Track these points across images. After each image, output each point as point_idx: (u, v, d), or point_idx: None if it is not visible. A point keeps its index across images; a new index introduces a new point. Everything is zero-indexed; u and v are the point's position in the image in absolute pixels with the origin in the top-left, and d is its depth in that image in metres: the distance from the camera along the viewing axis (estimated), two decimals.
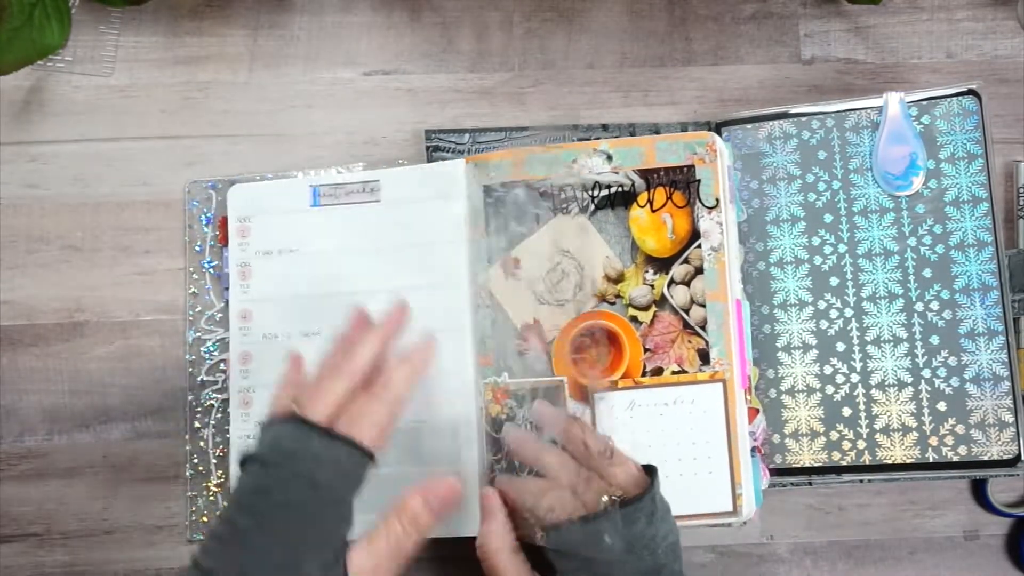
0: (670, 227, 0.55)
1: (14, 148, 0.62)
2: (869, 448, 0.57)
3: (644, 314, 0.56)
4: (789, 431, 0.58)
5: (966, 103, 0.58)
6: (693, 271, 0.55)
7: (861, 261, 0.58)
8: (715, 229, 0.54)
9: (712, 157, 0.54)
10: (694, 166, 0.54)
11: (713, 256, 0.54)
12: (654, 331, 0.55)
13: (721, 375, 0.53)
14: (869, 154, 0.58)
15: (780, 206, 0.59)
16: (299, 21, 0.63)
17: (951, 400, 0.56)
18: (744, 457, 0.52)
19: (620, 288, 0.56)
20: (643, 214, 0.56)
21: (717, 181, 0.54)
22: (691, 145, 0.54)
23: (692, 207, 0.55)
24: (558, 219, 0.57)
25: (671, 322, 0.55)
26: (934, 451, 0.56)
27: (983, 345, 0.56)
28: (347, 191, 0.57)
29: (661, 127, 0.62)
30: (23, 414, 0.60)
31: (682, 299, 0.55)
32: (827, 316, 0.58)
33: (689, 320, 0.55)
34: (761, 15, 0.64)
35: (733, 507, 0.52)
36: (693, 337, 0.55)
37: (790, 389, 0.58)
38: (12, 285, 0.61)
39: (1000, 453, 0.56)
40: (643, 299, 0.55)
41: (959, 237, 0.57)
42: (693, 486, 0.52)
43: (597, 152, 0.55)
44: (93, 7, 0.62)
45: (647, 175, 0.56)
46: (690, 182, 0.55)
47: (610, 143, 0.55)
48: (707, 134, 0.55)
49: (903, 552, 0.61)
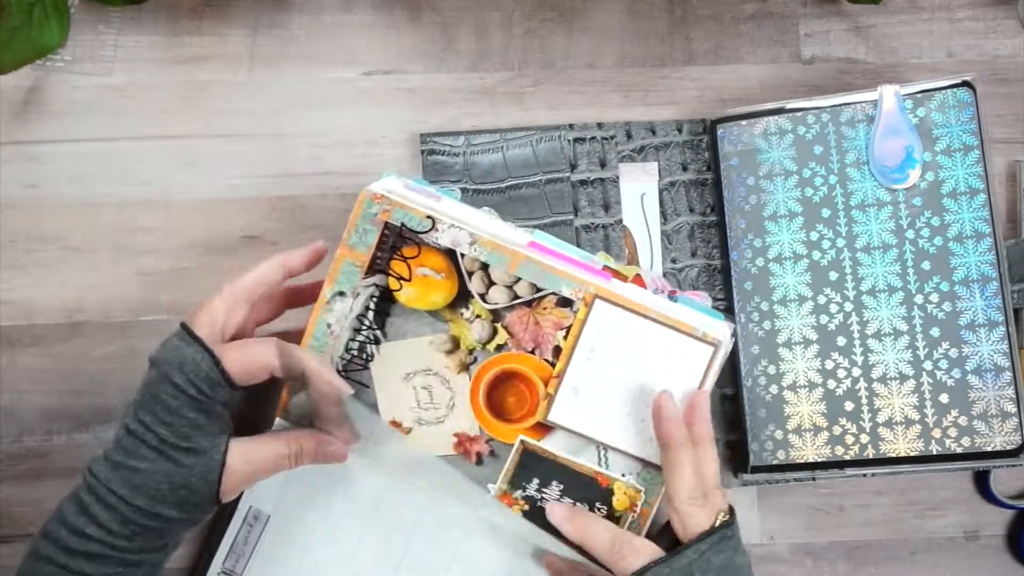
0: (431, 273, 0.52)
1: (13, 148, 0.62)
2: (872, 442, 0.57)
3: (499, 336, 0.53)
4: (792, 427, 0.58)
5: (961, 95, 0.57)
6: (482, 272, 0.52)
7: (860, 255, 0.58)
8: (453, 232, 0.51)
9: (383, 203, 0.50)
10: (388, 221, 0.51)
11: (476, 246, 0.51)
12: (521, 335, 0.53)
13: (588, 297, 0.51)
14: (865, 148, 0.58)
15: (777, 202, 0.59)
16: (299, 21, 0.63)
17: (953, 392, 0.56)
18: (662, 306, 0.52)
19: (464, 346, 0.53)
20: (408, 290, 0.52)
21: (410, 208, 0.51)
22: (367, 215, 0.51)
23: (421, 245, 0.51)
24: (376, 366, 0.53)
25: (520, 316, 0.52)
26: (937, 443, 0.56)
27: (984, 336, 0.56)
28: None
29: (656, 126, 0.62)
30: (23, 414, 0.60)
31: (501, 295, 0.52)
32: (827, 311, 0.58)
33: (523, 297, 0.52)
34: (761, 15, 0.64)
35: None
36: (541, 304, 0.52)
37: (792, 385, 0.58)
38: (12, 285, 0.61)
39: (1003, 444, 0.56)
40: (483, 331, 0.53)
41: (957, 229, 0.57)
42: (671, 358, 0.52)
43: (331, 304, 0.52)
44: (92, 7, 0.62)
45: (374, 270, 0.52)
46: (400, 234, 0.51)
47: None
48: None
49: (904, 552, 0.60)
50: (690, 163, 0.62)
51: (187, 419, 0.46)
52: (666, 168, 0.62)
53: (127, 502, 0.45)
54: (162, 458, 0.46)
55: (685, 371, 0.51)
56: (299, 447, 0.50)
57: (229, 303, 0.49)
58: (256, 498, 0.56)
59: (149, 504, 0.45)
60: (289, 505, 0.56)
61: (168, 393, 0.46)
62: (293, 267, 0.51)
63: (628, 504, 0.52)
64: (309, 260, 0.51)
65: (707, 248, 0.61)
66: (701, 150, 0.62)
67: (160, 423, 0.46)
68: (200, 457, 0.46)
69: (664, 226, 0.62)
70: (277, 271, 0.51)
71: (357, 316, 0.52)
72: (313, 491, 0.56)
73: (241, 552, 0.56)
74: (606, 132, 0.62)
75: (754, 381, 0.58)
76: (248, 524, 0.56)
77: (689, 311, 0.52)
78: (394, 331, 0.53)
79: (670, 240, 0.61)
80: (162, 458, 0.46)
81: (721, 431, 0.60)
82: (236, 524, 0.56)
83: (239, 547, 0.56)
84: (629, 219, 0.61)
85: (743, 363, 0.59)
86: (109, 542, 0.45)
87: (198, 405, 0.46)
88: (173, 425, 0.46)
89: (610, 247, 0.61)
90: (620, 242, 0.61)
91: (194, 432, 0.46)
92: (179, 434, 0.46)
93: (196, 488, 0.46)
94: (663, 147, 0.62)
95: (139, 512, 0.45)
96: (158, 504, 0.45)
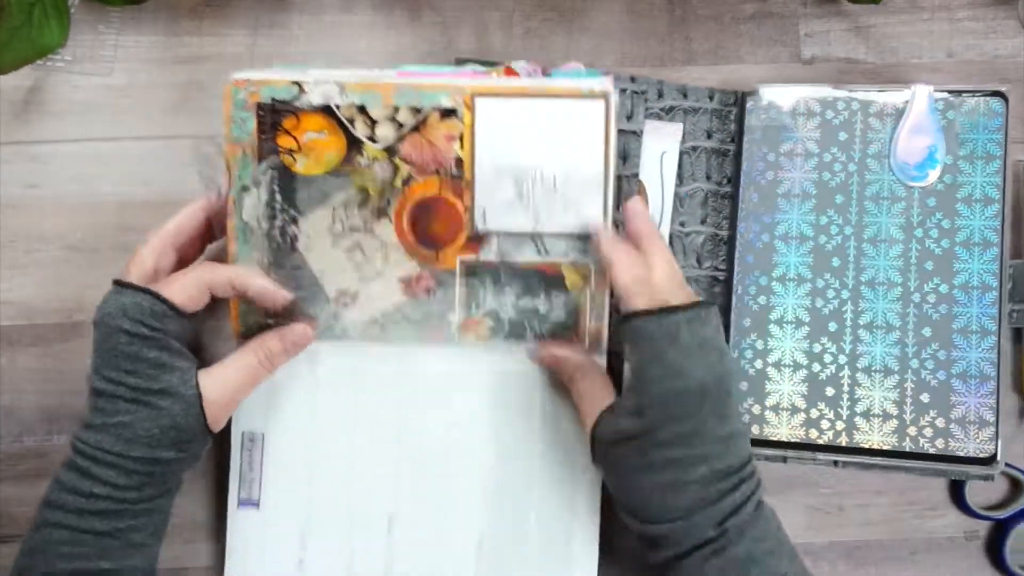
0: (316, 135, 0.52)
1: (14, 148, 0.62)
2: (847, 430, 0.57)
3: (400, 171, 0.53)
4: (770, 403, 0.58)
5: (993, 104, 0.58)
6: (362, 115, 0.52)
7: (865, 246, 0.58)
8: (321, 88, 0.51)
9: (248, 86, 0.52)
10: (259, 102, 0.52)
11: (347, 93, 0.52)
12: (420, 161, 0.53)
13: (468, 99, 0.52)
14: (889, 141, 0.59)
15: (793, 180, 0.60)
16: (299, 20, 0.63)
17: (935, 392, 0.57)
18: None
19: (373, 192, 0.53)
20: (301, 159, 0.53)
21: (274, 82, 0.52)
22: (238, 103, 0.52)
23: (297, 112, 0.52)
24: (302, 244, 0.54)
25: (412, 143, 0.52)
26: (911, 441, 0.57)
27: (975, 343, 0.57)
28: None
29: (689, 89, 0.62)
30: (23, 414, 0.60)
31: (387, 131, 0.52)
32: (824, 295, 0.58)
33: (408, 124, 0.52)
34: (761, 15, 0.64)
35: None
36: (427, 124, 0.52)
37: (777, 362, 0.58)
38: (12, 285, 0.61)
39: (976, 451, 0.56)
40: (384, 171, 0.53)
41: (966, 234, 0.58)
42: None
43: (239, 202, 0.53)
44: (92, 7, 0.62)
45: (265, 154, 0.53)
46: (274, 110, 0.52)
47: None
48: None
49: (903, 552, 0.61)
50: (715, 132, 0.62)
51: (148, 360, 0.47)
52: (691, 132, 0.62)
53: (125, 455, 0.47)
54: (140, 406, 0.47)
55: (586, 133, 0.52)
56: (266, 350, 0.51)
57: (157, 250, 0.51)
58: (245, 422, 0.56)
59: (147, 451, 0.47)
60: (277, 417, 0.56)
61: (122, 342, 0.47)
62: (211, 203, 0.53)
63: (581, 281, 0.54)
64: (224, 190, 0.53)
65: (717, 218, 0.61)
66: (728, 121, 0.62)
67: (125, 373, 0.47)
68: (175, 397, 0.48)
69: (679, 188, 0.62)
70: (199, 211, 0.53)
71: (267, 204, 0.53)
72: (293, 392, 0.56)
73: (251, 478, 0.56)
74: (638, 86, 0.62)
75: (740, 353, 0.59)
76: (247, 449, 0.56)
77: (567, 79, 0.54)
78: (305, 204, 0.54)
79: (682, 203, 0.62)
80: (140, 406, 0.47)
81: None
82: (236, 454, 0.56)
83: (247, 474, 0.56)
84: (646, 175, 0.62)
85: (733, 334, 0.59)
86: (118, 496, 0.47)
87: (154, 343, 0.47)
88: (138, 371, 0.47)
89: (622, 199, 0.61)
90: (633, 195, 0.61)
91: (160, 372, 0.47)
92: (147, 377, 0.47)
93: (184, 426, 0.48)
94: (691, 111, 0.62)
95: (140, 462, 0.47)
96: (155, 449, 0.47)
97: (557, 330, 0.54)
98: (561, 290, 0.54)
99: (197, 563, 0.59)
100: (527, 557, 0.56)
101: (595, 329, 0.54)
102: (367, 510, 0.56)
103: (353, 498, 0.56)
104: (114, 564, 0.47)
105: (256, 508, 0.56)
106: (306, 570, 0.56)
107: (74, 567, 0.47)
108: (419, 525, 0.56)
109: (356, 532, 0.56)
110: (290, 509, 0.56)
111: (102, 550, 0.47)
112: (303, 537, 0.56)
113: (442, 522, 0.56)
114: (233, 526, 0.56)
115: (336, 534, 0.56)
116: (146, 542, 0.49)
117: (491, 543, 0.56)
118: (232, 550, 0.56)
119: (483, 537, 0.56)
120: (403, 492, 0.56)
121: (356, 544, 0.56)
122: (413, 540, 0.56)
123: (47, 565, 0.47)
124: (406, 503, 0.56)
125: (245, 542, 0.56)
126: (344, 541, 0.56)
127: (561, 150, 0.52)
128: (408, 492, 0.56)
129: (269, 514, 0.56)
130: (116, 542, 0.47)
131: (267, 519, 0.56)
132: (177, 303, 0.48)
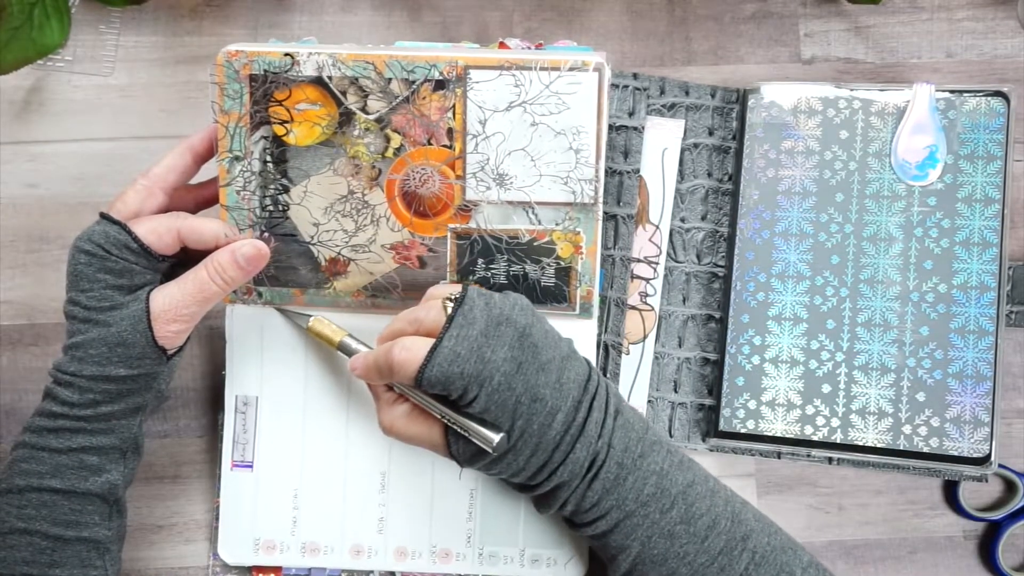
0: (308, 106, 0.53)
1: (14, 148, 0.62)
2: (842, 427, 0.58)
3: (392, 141, 0.53)
4: (766, 399, 0.58)
5: (994, 104, 0.58)
6: (354, 87, 0.52)
7: (865, 244, 0.59)
8: (314, 59, 0.52)
9: (241, 57, 0.52)
10: (251, 73, 0.52)
11: (339, 64, 0.52)
12: (411, 132, 0.53)
13: (460, 70, 0.52)
14: (890, 140, 0.59)
15: (794, 178, 0.60)
16: (299, 21, 0.63)
17: (931, 392, 0.57)
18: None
19: (365, 162, 0.53)
20: (294, 130, 0.53)
21: (267, 52, 0.52)
22: (231, 74, 0.52)
23: (290, 83, 0.52)
24: (294, 213, 0.54)
25: (404, 114, 0.53)
26: (906, 439, 0.57)
27: (971, 343, 0.57)
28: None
29: (691, 87, 0.62)
30: (23, 414, 0.60)
31: (379, 102, 0.52)
32: (822, 292, 0.59)
33: (400, 95, 0.52)
34: (761, 15, 0.64)
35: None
36: (419, 96, 0.52)
37: (774, 358, 0.59)
38: (12, 285, 0.61)
39: (971, 450, 0.57)
40: (376, 142, 0.53)
41: (965, 234, 0.58)
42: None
43: (231, 172, 0.53)
44: (93, 7, 0.62)
45: (257, 124, 0.53)
46: (267, 80, 0.52)
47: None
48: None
49: (903, 552, 0.61)
50: (716, 129, 0.62)
51: (103, 281, 0.49)
52: (692, 129, 0.62)
53: (78, 375, 0.48)
54: (91, 325, 0.49)
55: (580, 104, 0.52)
56: (215, 263, 0.51)
57: (142, 193, 0.51)
58: (239, 386, 0.57)
59: (98, 369, 0.48)
60: (270, 379, 0.57)
61: (81, 263, 0.49)
62: (198, 149, 0.53)
63: (572, 248, 0.54)
64: (210, 137, 0.53)
65: (717, 215, 0.62)
66: (730, 118, 0.62)
67: (81, 292, 0.49)
68: (122, 310, 0.49)
69: (680, 184, 0.62)
70: (185, 156, 0.53)
71: (259, 173, 0.54)
72: (286, 355, 0.56)
73: (244, 440, 0.57)
74: (640, 83, 0.62)
75: (738, 348, 0.59)
76: (240, 412, 0.56)
77: (560, 52, 0.54)
78: (297, 174, 0.54)
79: (683, 199, 0.62)
80: (91, 325, 0.49)
81: (697, 395, 0.61)
82: (230, 417, 0.57)
83: (240, 436, 0.57)
84: (647, 171, 0.62)
85: (731, 329, 0.59)
86: (74, 415, 0.49)
87: (110, 266, 0.49)
88: (92, 291, 0.49)
89: (623, 194, 0.61)
90: (633, 191, 0.61)
91: (113, 292, 0.49)
92: (100, 296, 0.49)
93: (131, 341, 0.49)
94: (693, 108, 0.62)
95: (93, 380, 0.48)
96: (106, 367, 0.48)
97: (548, 296, 0.55)
98: (552, 257, 0.54)
99: (197, 563, 0.59)
100: (519, 510, 0.56)
101: (585, 293, 0.55)
102: (360, 468, 0.56)
103: (346, 457, 0.56)
104: (64, 484, 0.48)
105: (250, 469, 0.57)
106: (300, 529, 0.56)
107: (27, 483, 0.48)
108: (412, 482, 0.56)
109: (350, 490, 0.56)
110: (284, 470, 0.56)
111: (55, 467, 0.48)
112: (297, 496, 0.56)
113: (434, 478, 0.56)
114: (227, 487, 0.57)
115: (330, 493, 0.56)
116: (103, 467, 0.49)
117: (484, 497, 0.56)
118: (226, 511, 0.57)
119: (475, 491, 0.56)
120: (396, 450, 0.56)
121: (350, 503, 0.56)
122: (406, 496, 0.56)
123: (7, 483, 0.48)
124: (399, 461, 0.56)
125: (239, 503, 0.57)
126: (338, 500, 0.57)
127: (552, 118, 0.52)
128: (401, 449, 0.56)
129: (263, 475, 0.57)
130: (69, 460, 0.49)
131: (261, 480, 0.57)
132: (141, 236, 0.49)
